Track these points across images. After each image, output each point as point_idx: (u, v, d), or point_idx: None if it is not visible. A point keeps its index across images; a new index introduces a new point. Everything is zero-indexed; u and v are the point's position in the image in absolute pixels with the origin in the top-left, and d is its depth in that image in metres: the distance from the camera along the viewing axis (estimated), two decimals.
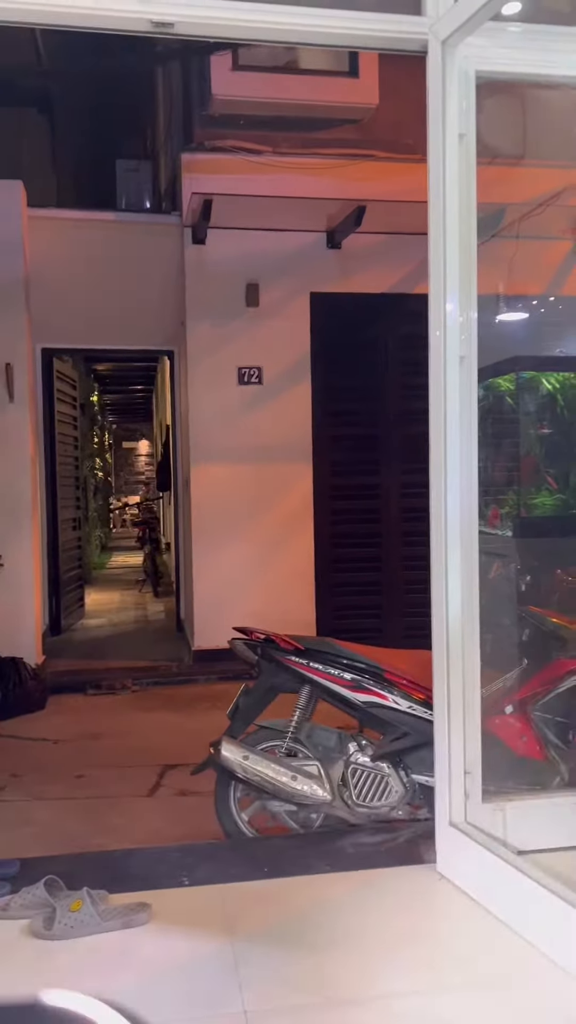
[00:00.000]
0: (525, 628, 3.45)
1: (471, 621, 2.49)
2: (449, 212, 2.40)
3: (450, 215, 2.39)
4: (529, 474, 3.47)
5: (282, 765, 3.12)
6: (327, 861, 2.50)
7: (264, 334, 5.95)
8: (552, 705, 3.14)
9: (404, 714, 3.12)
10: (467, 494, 2.46)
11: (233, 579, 5.95)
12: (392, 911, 2.24)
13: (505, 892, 2.18)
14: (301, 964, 1.98)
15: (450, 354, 2.41)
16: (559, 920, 1.99)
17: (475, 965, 2.00)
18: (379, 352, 6.16)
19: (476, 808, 2.46)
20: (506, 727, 3.26)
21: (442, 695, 2.46)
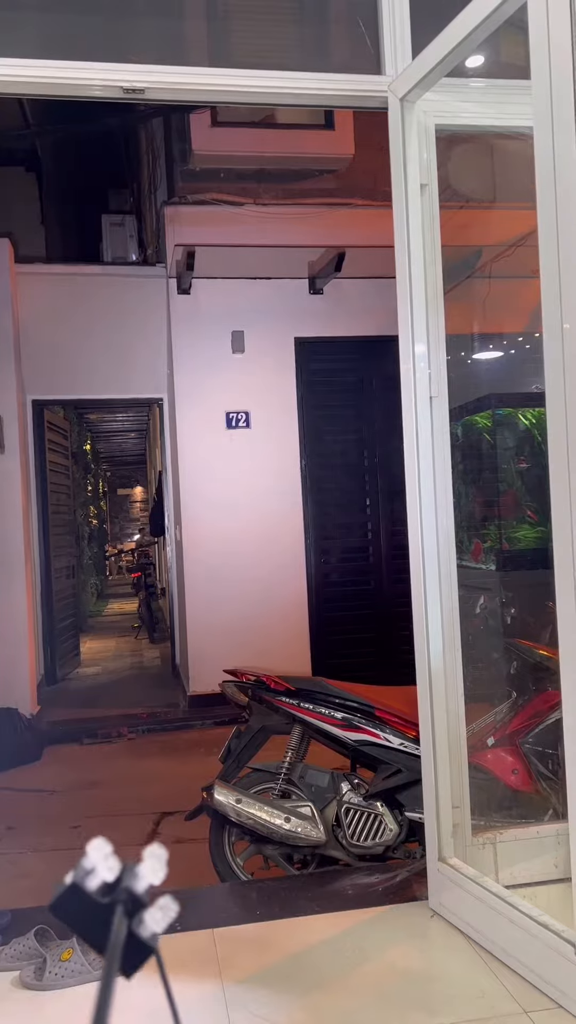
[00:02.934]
0: (513, 661, 3.47)
1: (453, 656, 2.52)
2: (414, 258, 2.49)
3: (415, 261, 2.48)
4: (510, 508, 3.52)
5: (275, 807, 3.12)
6: (320, 903, 2.50)
7: (250, 379, 6.06)
8: (542, 737, 3.15)
9: (396, 751, 3.13)
10: (444, 529, 2.51)
11: (227, 622, 5.97)
12: (384, 950, 2.23)
13: (497, 927, 2.18)
14: (292, 1006, 1.97)
15: (420, 394, 2.48)
16: (551, 955, 1.99)
17: (467, 1002, 1.99)
18: (363, 393, 6.28)
19: (466, 842, 2.46)
20: (498, 761, 3.26)
21: (427, 730, 2.48)
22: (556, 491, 1.99)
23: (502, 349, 4.08)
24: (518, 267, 4.55)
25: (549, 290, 1.96)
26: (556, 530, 2.00)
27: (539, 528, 3.38)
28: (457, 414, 3.49)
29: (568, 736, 1.98)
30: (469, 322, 4.35)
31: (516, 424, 3.47)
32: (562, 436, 1.95)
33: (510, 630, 3.46)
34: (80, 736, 5.67)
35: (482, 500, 3.54)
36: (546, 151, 1.92)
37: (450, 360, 2.60)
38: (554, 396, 1.97)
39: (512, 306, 5.38)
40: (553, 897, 2.20)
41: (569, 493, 1.93)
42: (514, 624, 3.45)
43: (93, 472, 14.99)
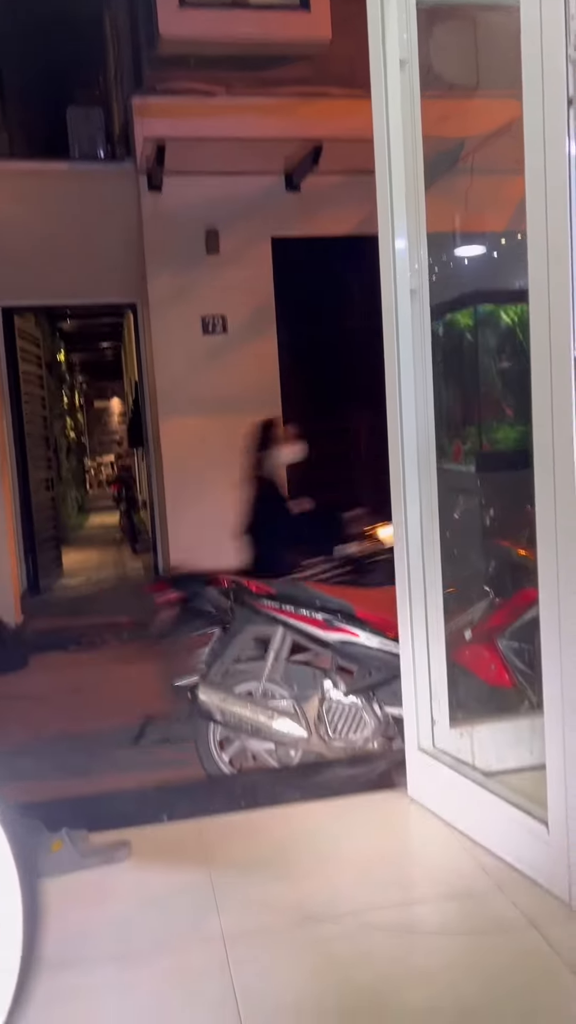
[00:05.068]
0: (491, 561, 3.51)
1: (432, 553, 2.53)
2: (394, 143, 2.37)
3: (395, 146, 2.37)
4: (491, 408, 3.49)
5: (259, 705, 3.19)
6: (303, 792, 2.58)
7: (226, 282, 5.89)
8: (519, 634, 3.22)
9: (375, 650, 3.20)
10: (423, 427, 2.49)
11: (209, 529, 5.97)
12: (364, 835, 2.32)
13: (473, 811, 2.26)
14: (276, 888, 2.06)
15: (400, 287, 2.41)
16: (525, 835, 2.07)
17: (443, 879, 2.08)
18: (344, 295, 6.12)
19: (444, 733, 2.53)
20: (476, 657, 3.34)
21: (406, 625, 2.51)
22: (537, 390, 1.95)
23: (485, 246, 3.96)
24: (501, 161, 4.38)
25: (533, 184, 1.89)
26: (536, 429, 1.98)
27: (519, 428, 3.36)
28: (438, 312, 3.41)
29: (545, 631, 2.00)
30: (451, 219, 4.20)
31: (498, 322, 3.40)
32: (544, 334, 1.90)
33: (489, 531, 3.49)
34: (65, 644, 5.74)
35: (463, 400, 3.50)
36: (533, 23, 1.80)
37: (431, 260, 2.52)
38: (537, 293, 1.92)
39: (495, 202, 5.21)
40: (527, 783, 2.27)
41: (550, 392, 1.90)
42: (493, 525, 3.47)
43: (68, 384, 14.72)
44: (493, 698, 3.10)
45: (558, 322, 1.86)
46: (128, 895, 2.04)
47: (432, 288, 2.49)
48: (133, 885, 2.08)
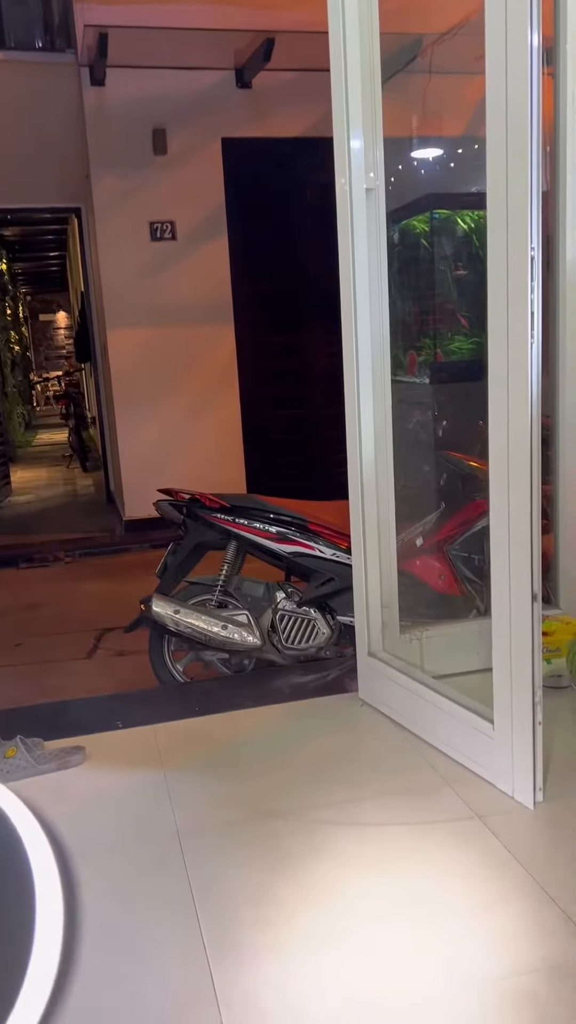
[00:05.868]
0: (443, 473, 3.54)
1: (385, 466, 2.53)
2: (349, 37, 2.26)
3: (351, 40, 2.26)
4: (446, 318, 3.45)
5: (212, 616, 3.21)
6: (256, 698, 2.63)
7: (175, 185, 5.64)
8: (468, 543, 3.27)
9: (328, 561, 3.22)
10: (378, 336, 2.45)
11: (160, 446, 5.90)
12: (316, 736, 2.38)
13: (422, 712, 2.33)
14: (230, 787, 2.11)
15: (355, 186, 2.33)
16: (471, 732, 2.15)
17: (392, 775, 2.16)
18: (298, 200, 5.91)
19: (394, 639, 2.58)
20: (427, 567, 3.39)
21: (358, 534, 2.53)
22: (494, 298, 1.92)
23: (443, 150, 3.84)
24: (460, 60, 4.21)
25: (494, 78, 1.81)
26: (491, 338, 1.96)
27: (474, 339, 3.34)
28: (394, 218, 3.32)
29: (494, 540, 2.03)
30: (407, 121, 4.05)
31: (454, 229, 3.33)
32: (502, 238, 1.86)
33: (441, 443, 3.50)
34: (16, 561, 5.68)
35: (418, 310, 3.45)
36: None
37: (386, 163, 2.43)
38: (495, 193, 1.87)
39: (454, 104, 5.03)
40: (475, 684, 2.34)
41: (507, 300, 1.87)
42: (446, 436, 3.47)
43: (12, 295, 14.16)
44: (442, 605, 3.17)
45: (516, 224, 1.82)
46: (84, 797, 2.08)
47: (388, 193, 2.42)
48: (88, 788, 2.12)
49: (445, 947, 1.56)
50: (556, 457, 2.90)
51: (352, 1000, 1.44)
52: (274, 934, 1.61)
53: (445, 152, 4.04)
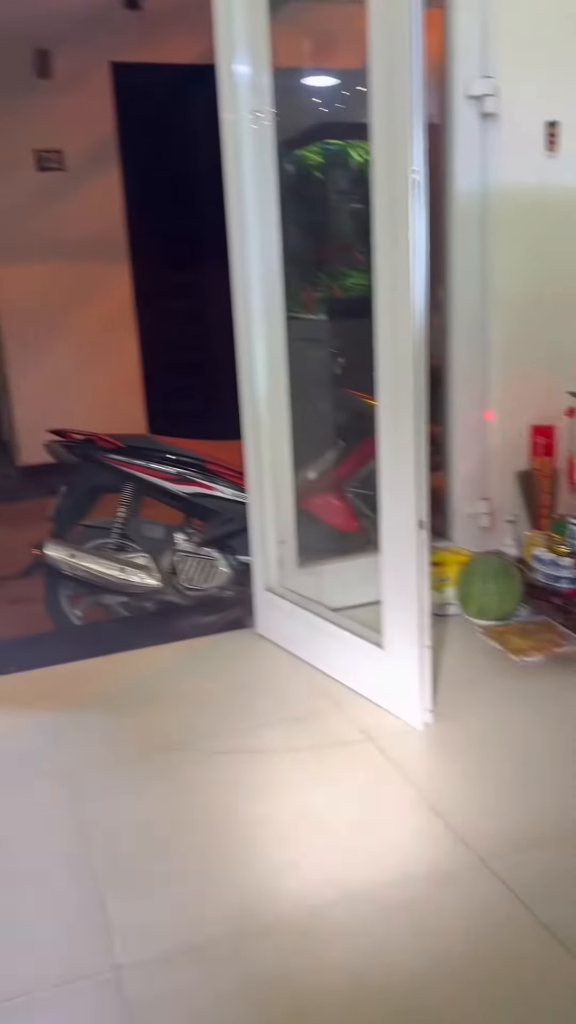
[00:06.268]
0: (342, 410, 3.55)
1: (279, 401, 2.52)
2: None
3: None
4: (342, 253, 3.42)
5: (110, 559, 3.17)
6: (156, 637, 2.62)
7: (62, 112, 5.35)
8: (366, 481, 3.32)
9: (228, 501, 3.21)
10: (270, 271, 2.41)
11: (56, 387, 5.71)
12: (213, 671, 2.40)
13: (317, 642, 2.38)
14: (125, 723, 2.11)
15: (242, 116, 2.26)
16: (363, 658, 2.20)
17: (289, 705, 2.20)
18: (195, 130, 5.70)
19: (291, 574, 2.61)
20: (326, 506, 3.43)
21: (253, 471, 2.52)
22: (378, 227, 1.91)
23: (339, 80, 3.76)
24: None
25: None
26: (376, 268, 1.95)
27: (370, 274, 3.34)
28: (285, 148, 3.25)
29: (382, 470, 2.06)
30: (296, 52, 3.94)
31: (348, 161, 3.28)
32: (384, 163, 1.84)
33: (340, 380, 3.50)
34: None
35: (314, 245, 3.41)
36: None
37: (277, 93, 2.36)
38: (378, 118, 1.85)
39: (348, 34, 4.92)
40: (372, 615, 2.39)
41: (390, 228, 1.86)
42: (344, 374, 3.48)
43: None
44: (340, 542, 3.22)
45: (398, 147, 1.80)
46: None
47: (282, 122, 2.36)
48: None
49: (336, 861, 1.62)
50: (447, 397, 2.94)
51: (244, 920, 1.48)
52: (167, 863, 1.63)
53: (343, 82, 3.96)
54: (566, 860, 1.58)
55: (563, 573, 2.52)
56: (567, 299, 2.77)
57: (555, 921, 1.43)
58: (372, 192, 1.90)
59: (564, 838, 1.64)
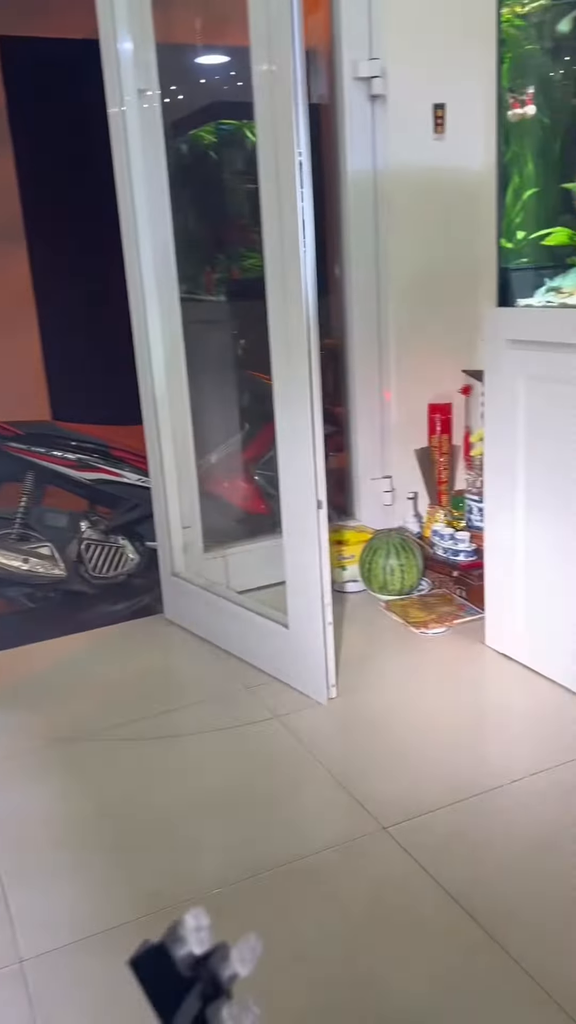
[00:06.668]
0: (246, 392, 3.55)
1: (178, 383, 2.50)
2: None
3: None
4: (240, 234, 3.41)
5: (11, 550, 3.10)
6: (63, 628, 2.58)
7: None
8: (272, 463, 3.33)
9: (134, 487, 3.18)
10: (162, 252, 2.38)
11: None
12: (122, 659, 2.39)
13: (224, 625, 2.39)
14: (31, 716, 2.08)
15: (127, 94, 2.22)
16: (269, 638, 2.23)
17: (197, 688, 2.21)
18: (88, 110, 5.57)
19: (198, 559, 2.61)
20: (234, 489, 3.43)
21: (155, 456, 2.50)
22: (266, 209, 1.92)
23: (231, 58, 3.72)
24: None
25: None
26: (266, 250, 1.96)
27: None
28: (178, 129, 3.21)
29: (281, 451, 2.08)
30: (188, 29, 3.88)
31: (244, 141, 3.26)
32: (270, 146, 1.85)
33: (243, 362, 3.50)
34: None
35: (211, 226, 3.39)
36: None
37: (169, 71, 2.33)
38: (261, 101, 1.84)
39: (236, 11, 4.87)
40: (273, 596, 2.42)
41: (278, 210, 1.87)
42: (246, 356, 3.48)
43: None
44: (249, 524, 3.23)
45: (281, 128, 1.80)
46: None
47: (174, 102, 2.33)
48: None
49: (245, 838, 1.64)
50: (347, 378, 2.98)
51: (151, 904, 1.49)
52: (72, 853, 1.62)
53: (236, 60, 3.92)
54: (459, 823, 1.65)
55: (461, 547, 2.60)
56: (460, 279, 2.84)
57: (450, 880, 1.49)
58: (259, 174, 1.90)
59: (458, 802, 1.71)
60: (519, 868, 1.51)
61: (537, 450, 2.04)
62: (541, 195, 2.09)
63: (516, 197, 2.10)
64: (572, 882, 1.48)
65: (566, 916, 1.40)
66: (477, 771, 1.80)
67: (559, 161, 2.05)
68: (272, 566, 2.69)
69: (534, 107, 2.02)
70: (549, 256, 2.10)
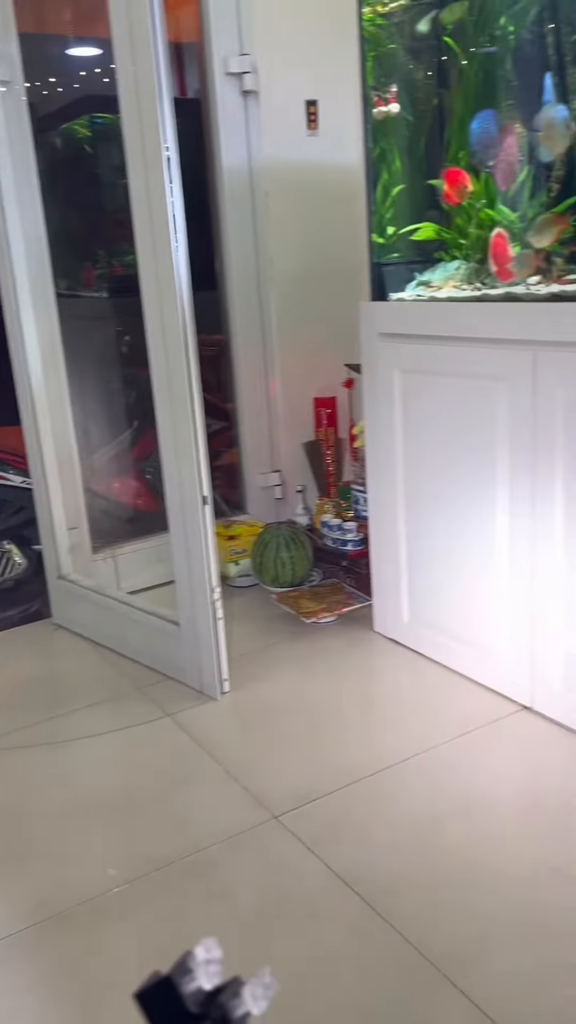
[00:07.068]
0: (133, 390, 3.51)
1: (57, 381, 2.45)
2: None
3: None
4: (121, 229, 3.36)
5: None
6: None
7: None
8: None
9: (18, 489, 3.09)
10: (35, 247, 2.32)
11: None
12: (11, 666, 2.33)
13: (115, 626, 2.36)
14: None
15: None
16: (160, 637, 2.22)
17: (86, 691, 2.18)
18: None
19: (87, 560, 2.57)
20: (124, 488, 3.39)
21: (35, 457, 2.45)
22: (136, 206, 1.90)
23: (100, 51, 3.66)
24: None
25: None
26: (139, 248, 1.94)
27: None
28: (50, 123, 3.13)
29: (163, 449, 2.07)
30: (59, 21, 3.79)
31: (119, 135, 3.21)
32: (137, 141, 1.83)
33: (128, 359, 3.45)
34: None
35: (90, 221, 3.32)
36: None
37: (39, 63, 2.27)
38: (127, 101, 1.82)
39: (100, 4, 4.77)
40: (166, 595, 2.41)
41: (148, 206, 1.85)
42: (132, 353, 3.43)
43: None
44: (140, 523, 3.20)
45: (147, 123, 1.79)
46: None
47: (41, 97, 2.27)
48: None
49: (138, 836, 1.63)
50: (234, 375, 2.99)
51: (41, 912, 1.46)
52: None
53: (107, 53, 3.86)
54: (348, 808, 1.68)
55: (349, 537, 2.65)
56: (341, 274, 2.88)
57: (339, 863, 1.53)
58: (127, 169, 1.88)
59: (348, 785, 1.75)
60: (405, 844, 1.56)
61: (413, 440, 2.10)
62: (409, 191, 2.15)
63: (385, 193, 2.15)
64: (455, 853, 1.53)
65: (450, 887, 1.46)
66: (366, 754, 1.84)
67: (424, 158, 2.11)
68: (165, 564, 2.67)
69: (398, 105, 2.07)
70: (419, 251, 2.16)
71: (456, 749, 1.84)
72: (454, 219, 2.01)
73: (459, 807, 1.65)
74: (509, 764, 1.78)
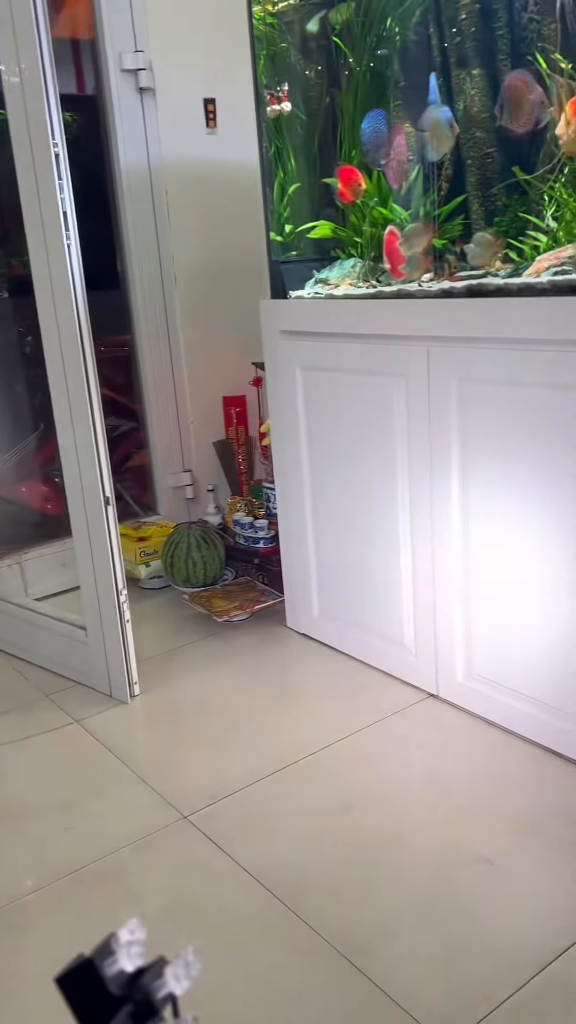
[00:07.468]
0: (38, 392, 3.43)
1: None
2: None
3: None
4: (16, 227, 3.28)
5: None
6: None
7: None
8: None
9: None
10: None
11: None
12: None
13: (22, 633, 2.31)
14: None
15: None
16: (68, 642, 2.18)
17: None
18: None
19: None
20: (31, 492, 3.31)
21: None
22: (26, 202, 1.86)
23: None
24: None
25: None
26: (31, 245, 1.90)
27: None
28: None
29: (63, 451, 2.03)
30: None
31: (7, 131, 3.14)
32: (24, 136, 1.79)
33: (32, 361, 3.38)
34: None
35: None
36: None
37: None
38: (12, 96, 1.78)
39: None
40: (72, 601, 2.36)
41: (38, 202, 1.82)
42: (34, 354, 3.36)
43: None
44: (48, 528, 3.13)
45: (35, 117, 1.75)
46: None
47: None
48: None
49: (43, 844, 1.59)
50: (141, 376, 2.96)
51: None
52: None
53: None
54: (258, 804, 1.69)
55: (261, 534, 2.66)
56: (246, 272, 2.89)
57: (249, 860, 1.53)
58: (16, 167, 1.84)
59: (259, 780, 1.75)
60: (313, 836, 1.58)
61: (317, 436, 2.12)
62: (305, 189, 2.17)
63: (282, 192, 2.17)
64: (363, 842, 1.55)
65: (357, 876, 1.48)
66: (277, 749, 1.85)
67: (319, 156, 2.13)
68: (73, 569, 2.63)
69: (290, 104, 2.09)
70: (318, 249, 2.18)
71: (365, 739, 1.87)
72: (349, 217, 2.04)
73: (367, 797, 1.68)
74: (416, 751, 1.82)
